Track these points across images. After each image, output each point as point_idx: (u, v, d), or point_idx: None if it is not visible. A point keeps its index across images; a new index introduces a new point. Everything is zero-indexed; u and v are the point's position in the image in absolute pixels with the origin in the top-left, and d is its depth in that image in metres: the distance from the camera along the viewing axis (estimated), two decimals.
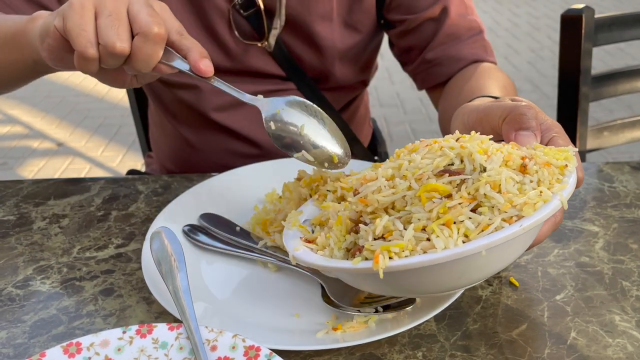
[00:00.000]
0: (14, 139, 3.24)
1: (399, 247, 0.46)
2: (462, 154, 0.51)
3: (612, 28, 1.14)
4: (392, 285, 0.51)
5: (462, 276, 0.49)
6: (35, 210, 0.80)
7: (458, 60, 0.93)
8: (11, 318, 0.61)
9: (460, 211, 0.47)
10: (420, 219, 0.48)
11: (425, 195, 0.49)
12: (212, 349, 0.50)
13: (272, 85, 0.98)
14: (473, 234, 0.46)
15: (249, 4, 0.90)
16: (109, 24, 0.56)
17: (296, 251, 0.54)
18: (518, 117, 0.55)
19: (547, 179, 0.49)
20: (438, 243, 0.45)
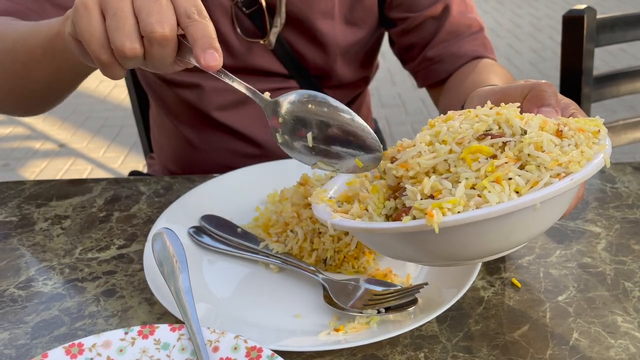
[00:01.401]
0: (16, 140, 3.25)
1: (451, 204, 0.46)
2: (499, 119, 0.52)
3: (614, 29, 1.14)
4: (438, 248, 0.50)
5: (510, 235, 0.49)
6: (37, 211, 0.80)
7: (459, 57, 0.93)
8: (13, 319, 0.61)
9: (509, 168, 0.47)
10: (469, 178, 0.48)
11: (470, 157, 0.49)
12: (214, 350, 0.50)
13: (274, 83, 0.98)
14: (524, 190, 0.46)
15: (251, 1, 0.90)
16: (115, 24, 0.52)
17: (334, 219, 0.52)
18: (540, 94, 0.56)
19: (583, 142, 0.50)
20: (492, 197, 0.45)
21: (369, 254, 0.66)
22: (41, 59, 0.72)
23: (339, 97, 1.05)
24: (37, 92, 0.78)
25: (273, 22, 0.91)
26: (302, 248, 0.67)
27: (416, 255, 0.54)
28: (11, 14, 0.82)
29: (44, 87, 0.77)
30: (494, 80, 0.81)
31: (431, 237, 0.47)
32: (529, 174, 0.47)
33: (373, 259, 0.67)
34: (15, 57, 0.74)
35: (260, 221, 0.74)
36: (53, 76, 0.74)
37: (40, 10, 0.83)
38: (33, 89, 0.77)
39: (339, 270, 0.66)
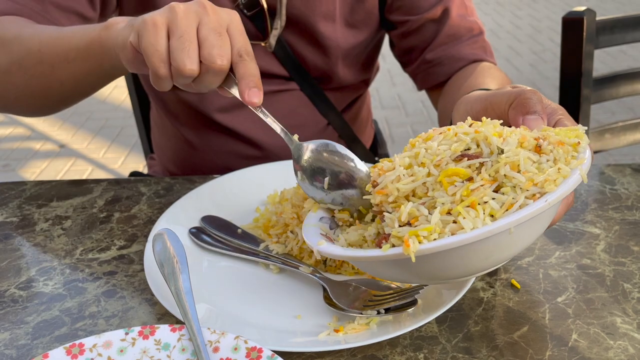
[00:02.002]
0: (16, 140, 3.25)
1: (427, 231, 0.47)
2: (477, 138, 0.52)
3: (613, 30, 1.15)
4: (420, 271, 0.51)
5: (489, 257, 0.50)
6: (38, 212, 0.80)
7: (458, 60, 0.93)
8: (14, 319, 0.61)
9: (483, 192, 0.47)
10: (445, 203, 0.48)
11: (447, 180, 0.49)
12: (214, 350, 0.51)
13: (275, 86, 0.99)
14: (499, 214, 0.47)
15: (252, 3, 0.90)
16: (180, 46, 0.58)
17: (320, 245, 0.54)
18: (524, 102, 0.56)
19: (562, 156, 0.51)
20: (466, 224, 0.46)
21: None
22: (73, 60, 0.73)
23: (339, 99, 1.06)
24: (59, 92, 0.79)
25: (273, 25, 0.92)
26: (302, 249, 0.67)
27: (404, 277, 0.55)
28: (14, 14, 0.82)
29: (69, 89, 0.78)
30: (490, 84, 0.81)
31: (412, 263, 0.48)
32: (504, 197, 0.48)
33: None
34: (41, 58, 0.75)
35: (260, 222, 0.74)
36: (81, 78, 0.76)
37: (43, 12, 0.83)
38: (56, 89, 0.78)
39: (339, 271, 0.66)
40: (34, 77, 0.77)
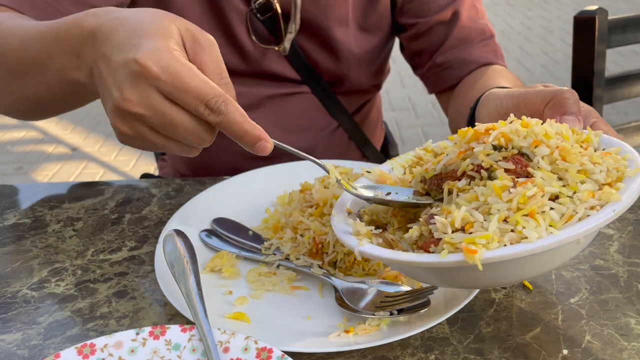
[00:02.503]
0: (29, 144, 3.28)
1: (484, 239, 0.45)
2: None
3: (626, 30, 1.13)
4: (470, 279, 0.50)
5: (547, 264, 0.49)
6: (50, 214, 0.81)
7: (468, 64, 0.93)
8: (26, 320, 0.61)
9: (542, 201, 0.46)
10: (500, 210, 0.47)
11: (498, 185, 0.48)
12: (224, 350, 0.51)
13: (287, 89, 0.99)
14: (558, 225, 0.46)
15: (266, 8, 0.91)
16: (174, 133, 0.54)
17: (362, 247, 0.52)
18: (562, 102, 0.55)
19: (613, 165, 0.50)
20: (530, 234, 0.45)
21: None
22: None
23: (350, 102, 1.05)
24: (41, 99, 0.73)
25: (287, 29, 0.92)
26: (312, 250, 0.67)
27: (444, 282, 0.54)
28: (27, 6, 0.80)
29: (48, 98, 0.72)
30: (503, 84, 0.80)
31: (467, 270, 0.47)
32: (563, 208, 0.46)
33: None
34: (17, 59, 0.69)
35: (269, 223, 0.74)
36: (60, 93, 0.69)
37: (54, 3, 0.82)
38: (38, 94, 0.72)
39: (350, 272, 0.66)
40: (11, 78, 0.72)
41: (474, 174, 0.52)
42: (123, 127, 0.55)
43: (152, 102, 0.52)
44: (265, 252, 0.68)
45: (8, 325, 0.61)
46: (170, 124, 0.53)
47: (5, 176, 2.93)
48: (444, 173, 0.55)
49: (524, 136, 0.52)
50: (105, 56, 0.56)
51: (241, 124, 0.53)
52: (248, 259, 0.69)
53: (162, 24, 0.55)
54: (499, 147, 0.52)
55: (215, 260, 0.67)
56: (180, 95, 0.52)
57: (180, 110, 0.53)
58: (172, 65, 0.52)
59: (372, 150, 1.10)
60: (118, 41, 0.55)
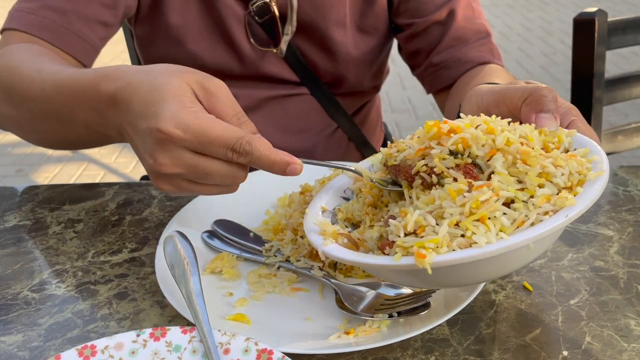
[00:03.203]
0: (29, 145, 3.28)
1: (433, 243, 0.46)
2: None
3: (625, 31, 1.14)
4: (431, 280, 0.50)
5: (503, 268, 0.49)
6: (50, 215, 0.81)
7: (465, 63, 0.93)
8: (27, 321, 0.61)
9: (494, 206, 0.46)
10: (453, 214, 0.47)
11: (453, 189, 0.48)
12: (225, 352, 0.51)
13: (285, 90, 0.99)
14: (509, 230, 0.46)
15: (264, 11, 0.91)
16: (211, 180, 0.57)
17: (325, 247, 0.52)
18: (539, 99, 0.55)
19: (576, 169, 0.49)
20: (479, 239, 0.45)
21: None
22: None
23: (349, 104, 1.06)
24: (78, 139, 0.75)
25: (284, 31, 0.92)
26: (313, 252, 0.67)
27: (412, 283, 0.55)
28: (39, 28, 0.81)
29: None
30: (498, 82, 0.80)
31: (419, 273, 0.47)
32: (515, 213, 0.47)
33: None
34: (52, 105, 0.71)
35: (270, 224, 0.74)
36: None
37: (66, 24, 0.82)
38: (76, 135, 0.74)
39: (350, 274, 0.66)
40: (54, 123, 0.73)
41: (426, 176, 0.53)
42: (165, 186, 0.59)
43: (184, 160, 0.56)
44: (266, 253, 0.69)
45: (9, 327, 0.61)
46: (206, 174, 0.57)
47: (6, 178, 2.93)
48: (402, 165, 0.57)
49: (483, 144, 0.52)
50: (131, 124, 0.59)
51: (268, 157, 0.56)
52: (248, 260, 0.69)
53: (173, 85, 0.57)
54: (455, 152, 0.53)
55: (216, 261, 0.67)
56: (207, 148, 0.55)
57: (211, 160, 0.56)
58: (192, 123, 0.55)
59: (371, 151, 1.10)
60: (138, 109, 0.58)
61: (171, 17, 0.90)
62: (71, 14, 0.83)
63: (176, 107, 0.55)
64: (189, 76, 0.58)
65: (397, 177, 0.58)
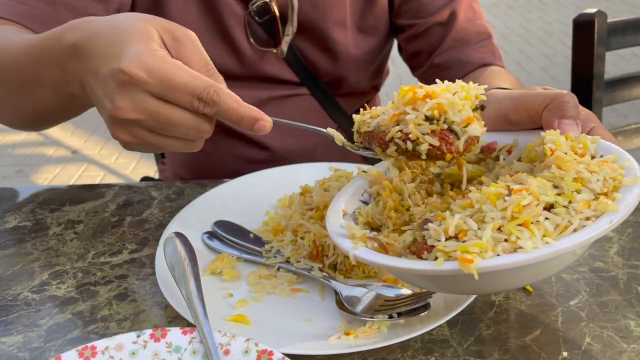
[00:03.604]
0: (29, 146, 3.28)
1: (478, 248, 0.45)
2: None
3: (625, 32, 1.14)
4: (466, 286, 0.50)
5: (542, 273, 0.49)
6: (50, 216, 0.81)
7: (466, 64, 0.93)
8: (27, 322, 0.62)
9: (536, 211, 0.46)
10: (495, 218, 0.46)
11: (492, 192, 0.47)
12: (225, 353, 0.51)
13: (285, 91, 0.99)
14: (552, 235, 0.46)
15: (264, 10, 0.91)
16: (174, 131, 0.55)
17: (356, 251, 0.51)
18: (561, 105, 0.55)
19: (610, 175, 0.49)
20: (525, 244, 0.44)
21: None
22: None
23: (349, 104, 1.06)
24: (41, 111, 0.73)
25: (285, 31, 0.92)
26: (313, 253, 0.67)
27: (438, 288, 0.54)
28: (28, 18, 0.81)
29: (48, 110, 0.73)
30: (502, 85, 0.80)
31: (461, 278, 0.46)
32: (558, 218, 0.46)
33: None
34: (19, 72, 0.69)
35: (270, 225, 0.74)
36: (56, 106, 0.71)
37: (55, 14, 0.82)
38: (38, 107, 0.73)
39: (350, 275, 0.66)
40: (15, 92, 0.72)
41: (400, 143, 0.53)
42: (123, 135, 0.55)
43: (145, 106, 0.53)
44: (266, 254, 0.69)
45: (9, 328, 0.61)
46: (168, 123, 0.54)
47: (6, 179, 2.93)
48: (375, 132, 0.56)
49: (459, 110, 0.51)
50: (91, 70, 0.56)
51: (236, 109, 0.54)
52: (249, 261, 0.69)
53: (139, 28, 0.55)
54: (431, 118, 0.52)
55: (216, 262, 0.67)
56: (171, 93, 0.52)
57: (175, 108, 0.53)
58: (157, 66, 0.52)
59: None
60: (99, 53, 0.55)
61: (170, 16, 0.90)
62: (61, 6, 0.83)
63: (141, 48, 0.53)
64: (158, 22, 0.56)
65: (371, 144, 0.57)
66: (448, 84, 0.55)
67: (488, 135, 0.62)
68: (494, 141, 0.62)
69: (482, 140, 0.62)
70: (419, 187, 0.60)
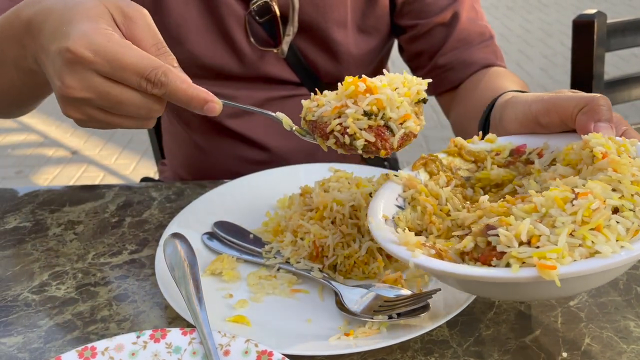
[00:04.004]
0: (29, 147, 3.28)
1: (555, 253, 0.43)
2: None
3: (625, 33, 1.14)
4: (535, 293, 0.48)
5: (611, 276, 0.48)
6: (50, 217, 0.81)
7: (470, 65, 0.93)
8: (27, 323, 0.62)
9: (606, 214, 0.45)
10: (565, 223, 0.45)
11: (560, 196, 0.46)
12: (225, 353, 0.51)
13: (285, 91, 0.99)
14: (626, 239, 0.45)
15: (264, 10, 0.91)
16: (124, 110, 0.56)
17: (415, 259, 0.48)
18: (597, 108, 0.55)
19: None
20: (603, 249, 0.43)
21: (380, 260, 0.67)
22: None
23: None
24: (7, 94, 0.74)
25: (285, 31, 0.92)
26: (312, 254, 0.67)
27: (509, 295, 0.52)
28: None
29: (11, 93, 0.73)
30: (510, 86, 0.80)
31: (538, 285, 0.45)
32: (627, 222, 0.45)
33: (383, 265, 0.67)
34: None
35: (270, 226, 0.74)
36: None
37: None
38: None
39: (349, 276, 0.66)
40: None
41: (339, 136, 0.54)
42: (74, 113, 0.56)
43: (93, 85, 0.53)
44: (266, 255, 0.69)
45: (9, 329, 0.61)
46: (118, 102, 0.54)
47: (5, 180, 2.93)
48: (318, 122, 0.57)
49: (397, 106, 0.52)
50: (42, 46, 0.56)
51: (185, 90, 0.54)
52: (248, 262, 0.69)
53: (88, 5, 0.55)
54: (369, 113, 0.53)
55: (216, 263, 0.67)
56: (119, 73, 0.53)
57: (124, 88, 0.54)
58: (104, 45, 0.52)
59: None
60: (50, 30, 0.55)
61: (171, 16, 0.91)
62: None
63: (88, 27, 0.53)
64: (108, 0, 0.56)
65: (314, 133, 0.58)
66: (391, 78, 0.56)
67: (516, 137, 0.62)
68: (522, 144, 0.61)
69: (510, 142, 0.61)
70: (454, 191, 0.58)
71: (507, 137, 0.63)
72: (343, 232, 0.66)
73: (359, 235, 0.67)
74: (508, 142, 0.62)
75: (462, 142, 0.62)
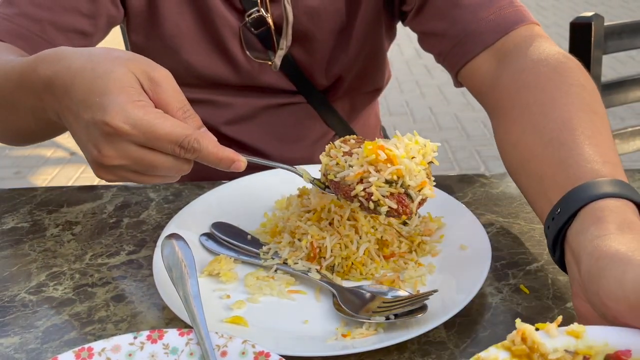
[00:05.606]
0: (27, 148, 3.28)
1: None
2: None
3: (622, 35, 1.14)
4: None
5: None
6: (48, 218, 0.81)
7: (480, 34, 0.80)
8: (24, 324, 0.61)
9: None
10: None
11: None
12: (222, 354, 0.51)
13: (281, 99, 0.99)
14: None
15: (259, 22, 0.90)
16: (156, 172, 0.60)
17: None
18: None
19: None
20: None
21: (377, 261, 0.67)
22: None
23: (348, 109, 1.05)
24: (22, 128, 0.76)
25: (279, 45, 0.91)
26: (310, 255, 0.67)
27: None
28: (13, 37, 0.81)
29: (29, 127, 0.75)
30: (594, 157, 0.58)
31: None
32: None
33: (381, 266, 0.67)
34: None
35: (267, 227, 0.74)
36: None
37: (41, 32, 0.82)
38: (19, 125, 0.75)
39: (347, 277, 0.66)
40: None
41: (364, 202, 0.59)
42: (106, 176, 0.60)
43: (130, 153, 0.57)
44: (264, 256, 0.69)
45: (6, 329, 0.61)
46: (151, 167, 0.59)
47: (4, 180, 2.93)
48: (342, 184, 0.61)
49: (415, 175, 0.57)
50: (70, 110, 0.59)
51: (215, 154, 0.59)
52: (246, 263, 0.69)
53: (117, 74, 0.57)
54: (390, 181, 0.59)
55: (213, 264, 0.67)
56: (155, 143, 0.57)
57: (157, 154, 0.58)
58: (140, 119, 0.56)
59: None
60: (79, 96, 0.58)
61: (166, 27, 0.90)
62: (46, 23, 0.82)
63: (123, 100, 0.56)
64: (134, 65, 0.58)
65: (337, 194, 0.62)
66: (407, 145, 0.61)
67: (617, 332, 0.43)
68: (626, 350, 0.41)
69: (607, 344, 0.42)
70: None
71: (602, 330, 0.43)
72: (341, 234, 0.66)
73: (357, 237, 0.67)
74: (603, 342, 0.42)
75: (532, 335, 0.44)
